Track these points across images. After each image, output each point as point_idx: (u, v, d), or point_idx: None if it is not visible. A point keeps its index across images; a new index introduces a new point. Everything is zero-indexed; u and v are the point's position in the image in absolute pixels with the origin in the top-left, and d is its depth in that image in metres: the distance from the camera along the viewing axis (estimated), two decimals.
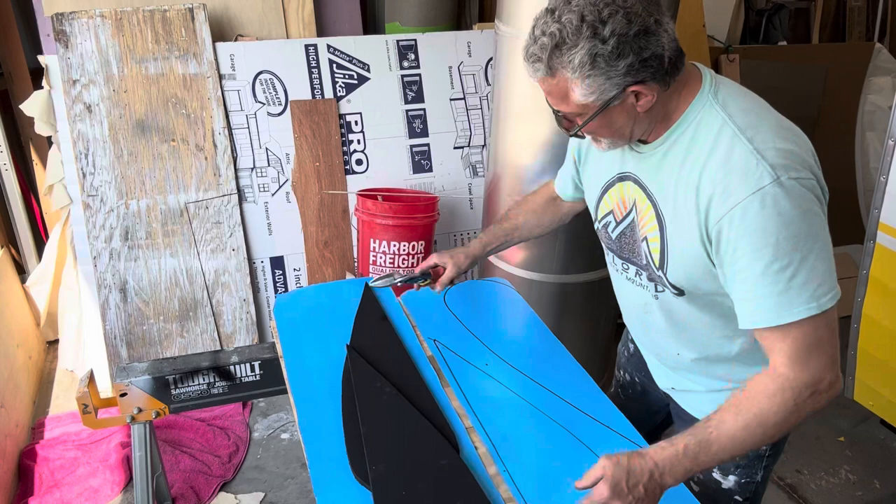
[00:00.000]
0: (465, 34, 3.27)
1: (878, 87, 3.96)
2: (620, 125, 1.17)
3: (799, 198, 1.07)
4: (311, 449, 1.33)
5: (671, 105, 1.17)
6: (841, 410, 2.86)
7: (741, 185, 1.07)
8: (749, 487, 1.43)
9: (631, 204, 1.30)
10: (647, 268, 1.29)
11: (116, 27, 2.80)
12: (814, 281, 1.07)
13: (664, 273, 1.25)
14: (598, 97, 1.11)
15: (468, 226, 3.32)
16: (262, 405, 2.90)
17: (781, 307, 1.07)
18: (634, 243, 1.31)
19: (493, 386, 1.52)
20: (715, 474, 1.44)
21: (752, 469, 1.42)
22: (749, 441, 1.10)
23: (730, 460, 1.17)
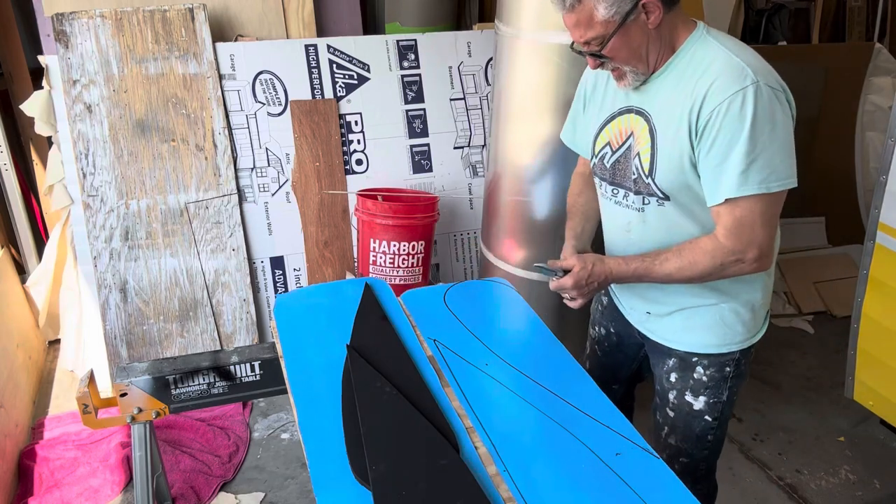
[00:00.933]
0: (465, 34, 3.27)
1: (878, 87, 3.96)
2: (638, 44, 1.38)
3: (769, 102, 1.32)
4: (311, 449, 1.33)
5: (675, 34, 1.41)
6: (841, 410, 2.86)
7: (730, 84, 1.32)
8: (717, 407, 1.63)
9: (629, 133, 1.50)
10: (636, 182, 1.50)
11: (116, 27, 2.80)
12: (769, 168, 1.33)
13: (653, 178, 1.46)
14: (617, 11, 1.34)
15: (468, 226, 3.32)
16: (262, 405, 2.90)
17: (741, 182, 1.33)
18: (627, 166, 1.52)
19: (493, 386, 1.52)
20: (686, 397, 1.63)
21: (718, 390, 1.61)
22: (678, 278, 1.46)
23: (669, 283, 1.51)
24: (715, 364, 1.59)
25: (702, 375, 1.61)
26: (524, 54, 2.22)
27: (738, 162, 1.33)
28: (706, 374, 1.60)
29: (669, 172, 1.44)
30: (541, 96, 2.23)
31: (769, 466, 2.59)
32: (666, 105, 1.42)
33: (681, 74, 1.41)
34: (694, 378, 1.62)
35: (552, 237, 2.39)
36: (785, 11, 4.76)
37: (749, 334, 1.59)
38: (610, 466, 1.28)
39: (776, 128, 1.32)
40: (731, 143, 1.32)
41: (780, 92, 1.34)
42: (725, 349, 1.58)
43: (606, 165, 1.57)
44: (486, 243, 2.61)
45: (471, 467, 1.27)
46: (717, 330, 1.57)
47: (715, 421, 1.64)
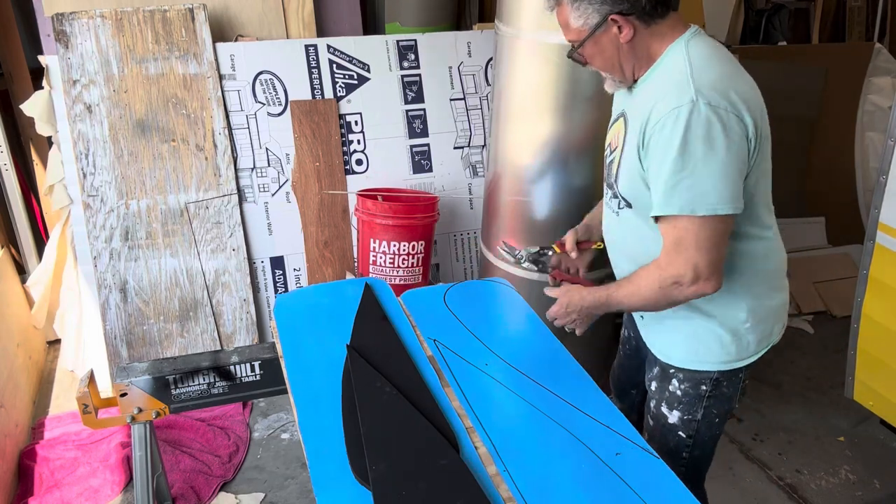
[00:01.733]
0: (465, 34, 3.27)
1: (878, 87, 3.96)
2: (609, 55, 1.41)
3: (706, 122, 1.28)
4: (311, 449, 1.33)
5: (654, 47, 1.40)
6: (841, 410, 2.86)
7: (671, 100, 1.32)
8: (691, 426, 1.60)
9: (622, 138, 1.50)
10: (612, 186, 1.53)
11: (116, 27, 2.80)
12: (696, 190, 1.30)
13: (617, 184, 1.49)
14: (586, 22, 1.38)
15: (468, 226, 3.32)
16: (262, 405, 2.90)
17: (665, 201, 1.33)
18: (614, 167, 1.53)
19: (493, 386, 1.52)
20: (662, 408, 1.62)
21: (693, 407, 1.59)
22: (633, 304, 1.50)
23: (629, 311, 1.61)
24: (690, 380, 1.57)
25: (676, 388, 1.59)
26: (524, 54, 2.22)
27: (664, 180, 1.32)
28: (680, 388, 1.58)
29: (628, 180, 1.45)
30: (541, 96, 2.23)
31: (769, 466, 2.59)
32: (634, 114, 1.44)
33: (654, 84, 1.41)
34: (669, 390, 1.60)
35: (552, 237, 2.38)
36: (785, 11, 4.76)
37: (728, 357, 1.54)
38: (610, 466, 1.28)
39: (711, 150, 1.28)
40: (662, 160, 1.32)
41: (727, 112, 1.29)
42: (698, 366, 1.55)
43: (605, 165, 1.60)
44: (486, 243, 2.61)
45: (471, 467, 1.27)
46: (690, 345, 1.55)
47: (689, 439, 1.61)
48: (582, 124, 2.21)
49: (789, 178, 4.19)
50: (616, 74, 1.45)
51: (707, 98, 1.29)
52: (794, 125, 3.93)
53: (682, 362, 1.57)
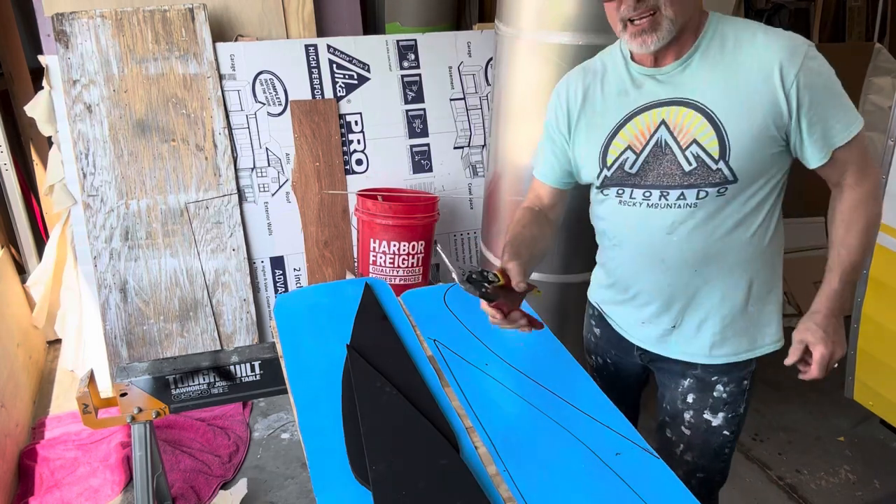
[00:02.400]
0: (465, 34, 3.27)
1: (878, 87, 3.95)
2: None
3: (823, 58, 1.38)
4: (311, 449, 1.33)
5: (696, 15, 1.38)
6: (841, 410, 2.86)
7: (796, 49, 1.33)
8: (734, 421, 1.59)
9: (655, 127, 1.42)
10: (691, 174, 1.40)
11: (117, 27, 2.80)
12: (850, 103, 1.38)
13: (725, 161, 1.37)
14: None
15: (468, 226, 3.32)
16: (262, 405, 2.90)
17: (850, 123, 1.36)
18: (667, 161, 1.42)
19: (493, 386, 1.52)
20: (705, 415, 1.58)
21: (737, 403, 1.57)
22: (869, 243, 1.42)
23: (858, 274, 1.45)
24: (735, 380, 1.55)
25: (721, 393, 1.55)
26: (524, 54, 2.22)
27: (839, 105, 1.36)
28: (726, 391, 1.55)
29: (748, 151, 1.36)
30: (541, 96, 2.22)
31: (769, 466, 2.59)
32: (718, 85, 1.36)
33: (719, 53, 1.37)
34: (713, 397, 1.56)
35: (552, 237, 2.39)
36: (785, 11, 4.76)
37: (777, 336, 1.55)
38: (610, 466, 1.28)
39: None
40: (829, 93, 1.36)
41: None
42: (755, 353, 1.53)
43: (630, 171, 1.46)
44: (486, 243, 2.61)
45: (471, 467, 1.27)
46: (750, 332, 1.52)
47: (732, 434, 1.61)
48: None
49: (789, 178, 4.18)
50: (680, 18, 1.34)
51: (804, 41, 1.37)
52: None
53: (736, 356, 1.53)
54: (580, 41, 2.09)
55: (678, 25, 1.35)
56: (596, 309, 1.74)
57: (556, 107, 1.60)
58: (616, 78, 1.48)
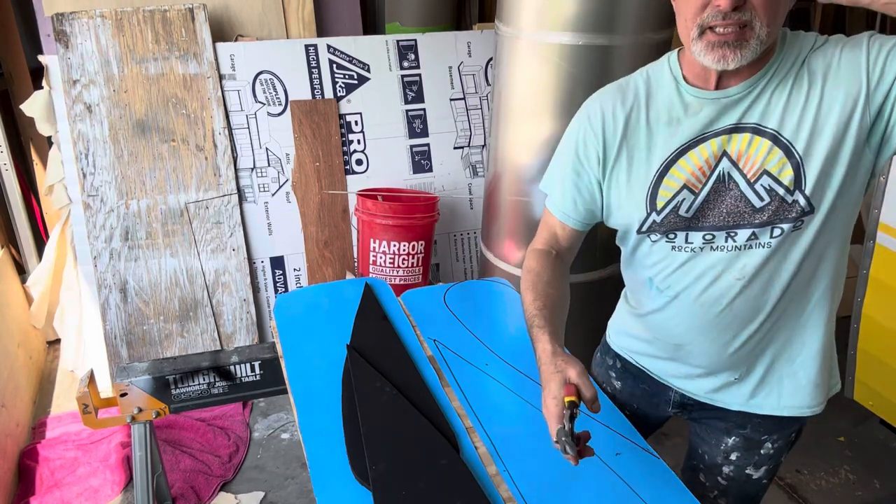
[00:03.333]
0: (465, 34, 3.26)
1: None
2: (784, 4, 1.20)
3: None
4: (311, 449, 1.33)
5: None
6: (841, 410, 2.86)
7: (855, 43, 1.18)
8: (773, 471, 1.49)
9: (716, 161, 1.21)
10: (763, 210, 1.20)
11: (117, 27, 2.80)
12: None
13: (802, 190, 1.17)
14: None
15: (468, 226, 3.32)
16: (262, 405, 2.90)
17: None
18: (733, 197, 1.22)
19: (493, 386, 1.52)
20: (748, 470, 1.45)
21: (780, 455, 1.47)
22: None
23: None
24: (784, 436, 1.42)
25: (769, 450, 1.43)
26: (524, 54, 2.22)
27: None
28: (774, 447, 1.43)
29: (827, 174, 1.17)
30: (541, 96, 2.23)
31: None
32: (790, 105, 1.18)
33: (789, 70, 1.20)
34: (760, 454, 1.43)
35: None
36: None
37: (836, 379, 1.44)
38: (610, 466, 1.28)
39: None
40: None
41: None
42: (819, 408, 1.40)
43: (687, 215, 1.24)
44: (486, 243, 2.61)
45: (471, 467, 1.27)
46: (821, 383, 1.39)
47: (769, 481, 1.50)
48: None
49: None
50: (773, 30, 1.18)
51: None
52: None
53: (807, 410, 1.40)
54: (580, 41, 2.09)
55: (765, 46, 1.17)
56: (621, 360, 1.54)
57: (587, 134, 1.35)
58: (665, 103, 1.25)
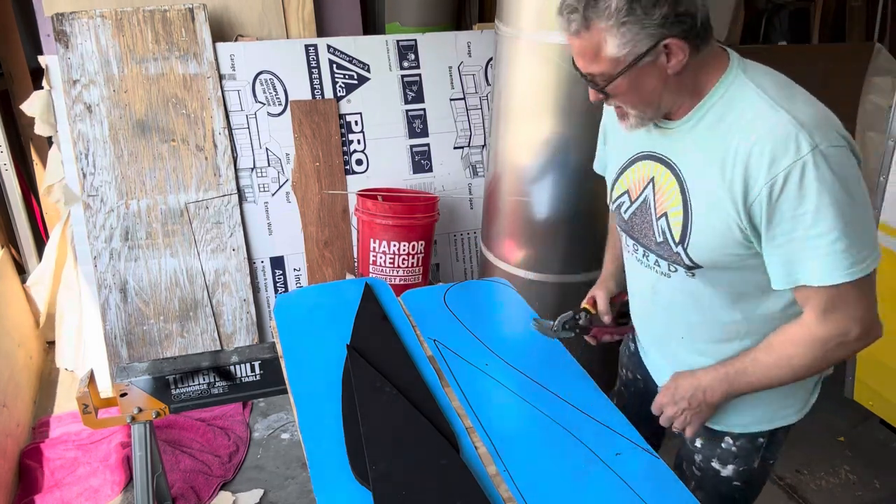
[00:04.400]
0: (465, 34, 3.27)
1: (879, 87, 3.95)
2: (651, 89, 1.16)
3: (838, 165, 1.08)
4: (311, 449, 1.33)
5: (701, 77, 1.17)
6: (841, 410, 2.86)
7: (783, 154, 1.08)
8: (746, 473, 1.49)
9: (646, 182, 1.28)
10: (661, 246, 1.28)
11: (117, 27, 2.80)
12: (855, 247, 1.10)
13: (684, 247, 1.23)
14: (632, 50, 1.10)
15: (468, 226, 3.32)
16: (262, 405, 2.90)
17: (823, 270, 1.11)
18: (646, 223, 1.31)
19: (493, 386, 1.52)
20: (713, 464, 1.49)
21: (749, 459, 1.47)
22: (779, 377, 1.26)
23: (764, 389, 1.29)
24: (745, 436, 1.44)
25: (730, 446, 1.46)
26: (524, 54, 2.22)
27: (812, 245, 1.10)
28: (735, 445, 1.45)
29: (706, 244, 1.21)
30: (541, 96, 2.23)
31: None
32: (698, 162, 1.20)
33: (713, 126, 1.17)
34: (721, 448, 1.46)
35: (552, 237, 2.39)
36: (785, 12, 4.76)
37: (791, 409, 1.42)
38: (610, 466, 1.28)
39: (851, 196, 1.08)
40: (798, 223, 1.10)
41: (845, 147, 1.11)
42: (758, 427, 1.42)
43: (624, 217, 1.36)
44: (486, 243, 2.61)
45: (471, 467, 1.27)
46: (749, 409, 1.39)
47: (744, 484, 1.50)
48: (582, 124, 2.20)
49: None
50: (648, 111, 1.20)
51: (827, 140, 1.09)
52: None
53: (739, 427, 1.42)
54: None
55: (655, 114, 1.21)
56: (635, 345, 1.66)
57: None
58: None
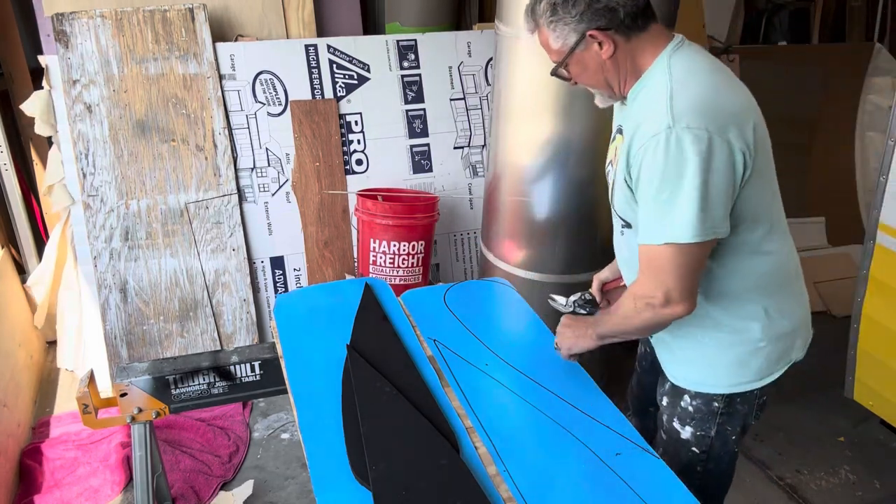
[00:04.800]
0: (465, 34, 3.27)
1: (878, 87, 3.96)
2: (594, 72, 1.38)
3: (682, 145, 1.24)
4: (311, 449, 1.34)
5: (638, 60, 1.36)
6: (841, 410, 2.86)
7: (650, 125, 1.28)
8: (705, 441, 1.56)
9: (615, 152, 1.46)
10: (612, 205, 1.49)
11: (117, 27, 2.80)
12: (674, 220, 1.27)
13: (613, 204, 1.46)
14: (565, 41, 1.35)
15: (468, 226, 3.32)
16: (262, 405, 2.90)
17: (645, 231, 1.32)
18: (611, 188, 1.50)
19: (494, 386, 1.52)
20: (675, 423, 1.58)
21: (706, 423, 1.54)
22: (618, 325, 1.46)
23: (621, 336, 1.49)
24: (702, 397, 1.52)
25: (688, 405, 1.54)
26: (524, 54, 2.23)
27: (646, 210, 1.31)
28: (692, 405, 1.53)
29: (622, 201, 1.42)
30: (541, 96, 2.23)
31: (769, 466, 2.59)
32: (629, 131, 1.37)
33: (638, 100, 1.38)
34: (681, 406, 1.55)
35: (552, 237, 2.39)
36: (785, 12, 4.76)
37: (742, 378, 1.48)
38: (610, 466, 1.29)
39: (690, 178, 1.24)
40: (646, 189, 1.29)
41: (707, 134, 1.24)
42: (710, 389, 1.50)
43: (609, 185, 1.52)
44: (486, 243, 2.61)
45: (471, 467, 1.27)
46: (702, 368, 1.50)
47: (703, 454, 1.57)
48: (582, 124, 2.21)
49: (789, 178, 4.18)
50: (604, 90, 1.43)
51: (686, 122, 1.24)
52: (794, 125, 3.93)
53: (693, 385, 1.52)
54: None
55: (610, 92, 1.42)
56: None
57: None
58: None
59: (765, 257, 1.42)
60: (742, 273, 1.41)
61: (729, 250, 1.39)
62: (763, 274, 1.43)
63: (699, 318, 1.43)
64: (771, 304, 1.44)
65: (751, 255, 1.41)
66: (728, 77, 1.36)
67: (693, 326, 1.46)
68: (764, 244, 1.41)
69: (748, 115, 1.32)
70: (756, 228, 1.39)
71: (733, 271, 1.41)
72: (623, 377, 2.99)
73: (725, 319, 1.45)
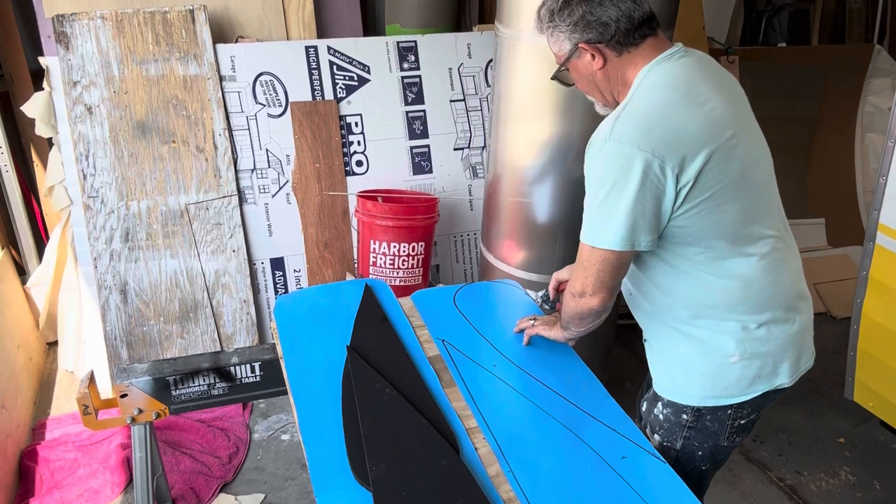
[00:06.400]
0: (464, 36, 3.27)
1: (878, 88, 3.96)
2: (587, 80, 1.45)
3: (611, 158, 1.30)
4: (311, 450, 1.34)
5: (628, 72, 1.40)
6: (841, 411, 2.87)
7: (598, 134, 1.35)
8: (670, 453, 1.54)
9: None
10: None
11: (117, 29, 2.80)
12: (598, 224, 1.35)
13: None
14: (561, 48, 1.43)
15: (468, 227, 3.32)
16: (262, 406, 2.90)
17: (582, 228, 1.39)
18: None
19: (501, 387, 1.52)
20: (647, 430, 1.58)
21: (673, 434, 1.53)
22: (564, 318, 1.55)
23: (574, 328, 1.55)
24: (673, 406, 1.50)
25: (660, 412, 1.53)
26: (524, 56, 2.23)
27: (585, 210, 1.39)
28: (663, 413, 1.52)
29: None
30: (540, 98, 2.23)
31: (769, 467, 2.59)
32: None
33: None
34: (654, 413, 1.55)
35: (552, 238, 2.39)
36: (785, 13, 4.77)
37: (710, 391, 1.45)
38: (615, 470, 1.29)
39: (616, 189, 1.29)
40: (586, 191, 1.38)
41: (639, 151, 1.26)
42: (679, 399, 1.48)
43: None
44: (486, 244, 2.61)
45: (471, 468, 1.27)
46: (673, 375, 1.49)
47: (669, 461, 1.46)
48: (582, 125, 2.21)
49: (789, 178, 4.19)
50: (597, 98, 1.48)
51: (619, 136, 1.28)
52: (794, 126, 3.94)
53: (666, 392, 1.51)
54: None
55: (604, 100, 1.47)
56: None
57: None
58: None
59: (730, 281, 1.39)
60: (707, 289, 1.41)
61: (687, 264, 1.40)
62: (731, 291, 1.39)
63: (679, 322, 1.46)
64: (751, 322, 1.41)
65: (709, 275, 1.39)
66: (700, 101, 1.32)
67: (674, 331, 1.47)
68: (728, 265, 1.38)
69: (703, 143, 1.29)
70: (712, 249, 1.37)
71: (698, 285, 1.41)
72: (623, 377, 2.99)
73: (700, 332, 1.43)
